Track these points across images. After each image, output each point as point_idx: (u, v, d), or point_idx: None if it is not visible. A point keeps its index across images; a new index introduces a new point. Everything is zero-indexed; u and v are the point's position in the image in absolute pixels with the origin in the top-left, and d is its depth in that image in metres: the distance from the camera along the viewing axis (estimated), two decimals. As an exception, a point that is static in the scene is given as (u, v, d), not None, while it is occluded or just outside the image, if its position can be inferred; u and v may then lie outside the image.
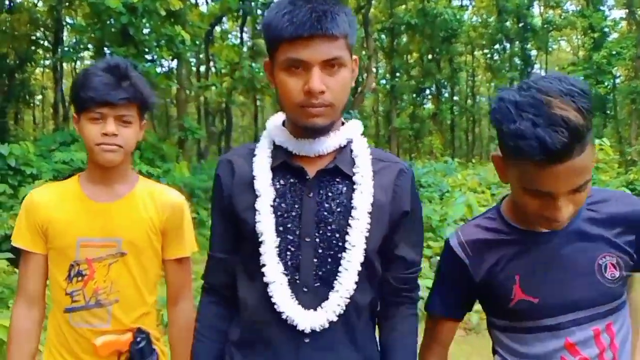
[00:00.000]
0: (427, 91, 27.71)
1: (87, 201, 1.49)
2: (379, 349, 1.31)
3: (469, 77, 32.56)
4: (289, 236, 1.18)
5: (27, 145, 7.87)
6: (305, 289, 1.17)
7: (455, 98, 30.46)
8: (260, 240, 1.17)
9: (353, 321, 1.20)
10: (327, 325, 1.16)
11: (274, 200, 1.18)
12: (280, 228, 1.17)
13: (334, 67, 1.11)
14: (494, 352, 1.32)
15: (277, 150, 1.23)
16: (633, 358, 1.20)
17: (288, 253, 1.18)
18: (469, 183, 9.72)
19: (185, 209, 1.61)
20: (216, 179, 1.28)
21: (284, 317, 1.15)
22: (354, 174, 1.20)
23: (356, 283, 1.17)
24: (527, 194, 1.08)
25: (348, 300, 1.17)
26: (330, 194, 1.19)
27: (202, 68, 20.30)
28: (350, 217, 1.17)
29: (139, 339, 1.49)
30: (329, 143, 1.19)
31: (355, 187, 1.19)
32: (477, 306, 4.70)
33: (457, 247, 1.26)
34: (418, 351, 1.34)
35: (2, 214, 6.75)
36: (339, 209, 1.18)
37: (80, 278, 1.47)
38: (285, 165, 1.21)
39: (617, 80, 25.67)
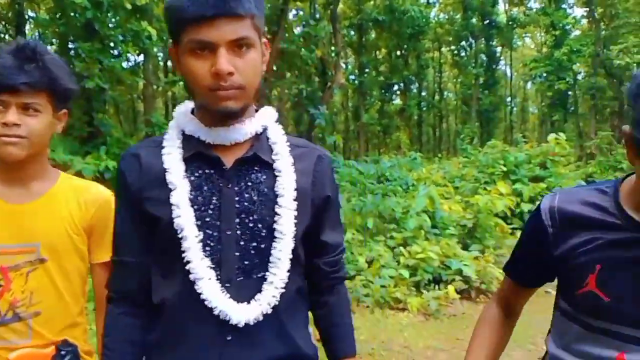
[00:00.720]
0: (395, 87, 27.92)
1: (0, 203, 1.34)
2: (320, 334, 1.30)
3: (436, 73, 32.99)
4: (208, 230, 1.10)
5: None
6: (228, 285, 1.10)
7: (422, 94, 30.85)
8: (180, 236, 1.08)
9: (280, 313, 1.14)
10: (261, 318, 1.11)
11: (190, 193, 1.11)
12: (199, 222, 1.10)
13: (242, 47, 1.05)
14: (549, 331, 1.23)
15: (188, 141, 1.14)
16: None
17: (207, 248, 1.10)
18: (433, 177, 9.99)
19: (112, 205, 1.42)
20: (120, 175, 1.17)
21: (216, 312, 1.08)
22: (273, 161, 1.16)
23: (287, 272, 1.13)
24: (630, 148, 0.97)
25: (283, 291, 1.13)
26: (250, 184, 1.13)
27: (170, 63, 20.15)
28: (276, 206, 1.13)
29: (63, 352, 1.35)
30: (245, 130, 1.14)
31: (276, 174, 1.15)
32: (435, 292, 4.93)
33: (545, 211, 1.12)
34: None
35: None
36: (260, 199, 1.13)
37: None
38: (199, 155, 1.13)
39: (579, 77, 26.48)
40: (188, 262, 1.08)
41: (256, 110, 1.20)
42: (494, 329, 1.26)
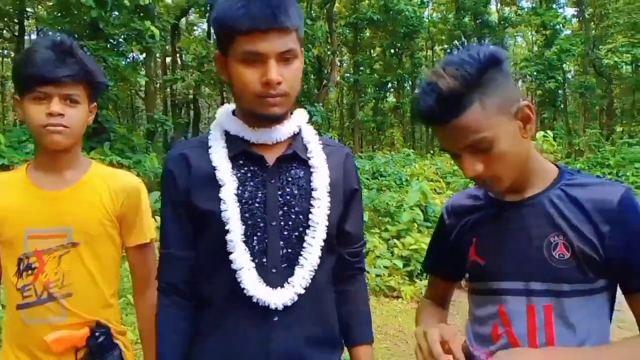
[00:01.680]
0: (389, 85, 27.99)
1: (34, 189, 1.39)
2: (339, 320, 1.33)
3: (430, 72, 33.28)
4: (255, 222, 1.17)
5: (-1, 136, 7.98)
6: (274, 270, 1.17)
7: (416, 91, 31.07)
8: (226, 228, 1.15)
9: (316, 296, 1.21)
10: (296, 299, 1.16)
11: (237, 189, 1.17)
12: (246, 215, 1.16)
13: (289, 58, 1.12)
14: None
15: (232, 141, 1.22)
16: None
17: (255, 238, 1.17)
18: (425, 173, 10.27)
19: (143, 192, 1.52)
20: (168, 175, 1.22)
21: (254, 300, 1.14)
22: (309, 158, 1.24)
23: (320, 258, 1.19)
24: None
25: (313, 274, 1.18)
26: (290, 179, 1.21)
27: (168, 59, 20.31)
28: (311, 198, 1.20)
29: (97, 334, 1.41)
30: (284, 131, 1.22)
31: (312, 170, 1.23)
32: (426, 281, 5.28)
33: (444, 209, 1.34)
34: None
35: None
36: (300, 192, 1.21)
37: (30, 272, 1.37)
38: (243, 153, 1.21)
39: (568, 76, 26.81)
40: (230, 252, 1.15)
41: (291, 113, 1.26)
42: (434, 306, 1.41)
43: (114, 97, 9.82)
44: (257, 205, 1.18)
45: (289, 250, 1.19)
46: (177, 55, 19.99)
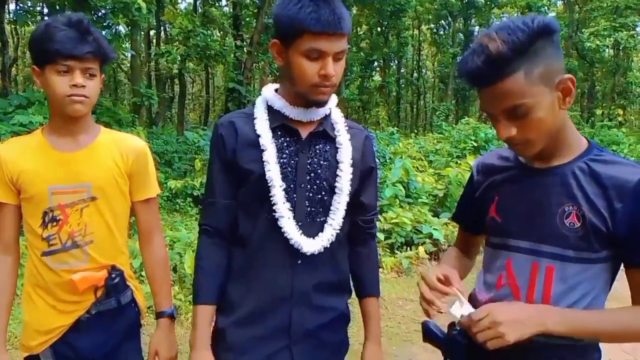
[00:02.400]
0: (375, 64, 28.05)
1: (52, 152, 1.53)
2: (352, 277, 1.59)
3: (415, 51, 33.10)
4: (287, 183, 1.41)
5: (-15, 108, 7.94)
6: (300, 224, 1.41)
7: (401, 71, 31.12)
8: (269, 185, 1.38)
9: (334, 249, 1.47)
10: (322, 250, 1.42)
11: (275, 154, 1.41)
12: (282, 176, 1.40)
13: (340, 57, 1.35)
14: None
15: (274, 114, 1.44)
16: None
17: (286, 196, 1.41)
18: (409, 151, 10.49)
19: (148, 153, 1.69)
20: (218, 137, 1.46)
21: (291, 242, 1.39)
22: (336, 136, 1.47)
23: (342, 218, 1.45)
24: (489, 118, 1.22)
25: (338, 231, 1.45)
26: (318, 152, 1.45)
27: (151, 33, 20.07)
28: (337, 170, 1.44)
29: (113, 275, 1.60)
30: (320, 112, 1.45)
31: (338, 146, 1.46)
32: (407, 253, 5.59)
33: (474, 166, 1.44)
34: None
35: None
36: (325, 163, 1.44)
37: (55, 223, 1.53)
38: (282, 126, 1.43)
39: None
40: (274, 204, 1.39)
41: None
42: (458, 253, 1.54)
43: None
44: (289, 169, 1.42)
45: (312, 209, 1.44)
46: (161, 28, 19.78)
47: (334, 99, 1.49)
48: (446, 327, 1.36)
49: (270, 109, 1.46)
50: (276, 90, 1.49)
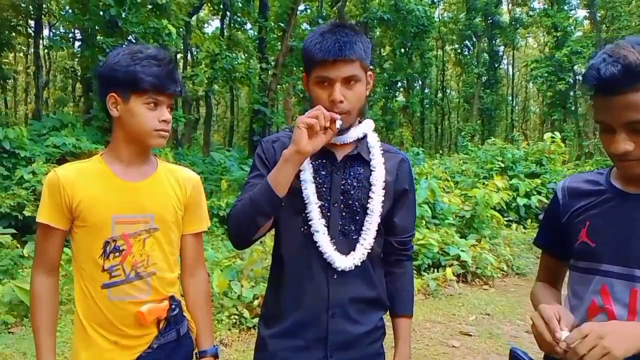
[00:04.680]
0: (399, 84, 28.13)
1: (116, 180, 1.51)
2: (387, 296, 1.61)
3: (439, 72, 33.19)
4: (322, 202, 1.48)
5: (21, 130, 8.19)
6: (333, 241, 1.47)
7: (425, 91, 30.99)
8: (305, 202, 1.47)
9: (367, 267, 1.52)
10: (352, 268, 1.47)
11: (312, 174, 1.49)
12: (317, 195, 1.48)
13: (351, 82, 1.42)
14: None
15: None
16: None
17: (321, 214, 1.48)
18: (434, 172, 10.41)
19: (202, 186, 1.70)
20: (261, 153, 1.57)
21: (325, 257, 1.46)
22: (370, 159, 1.53)
23: (373, 238, 1.50)
24: (600, 130, 1.20)
25: (369, 251, 1.49)
26: (352, 173, 1.51)
27: (178, 56, 20.53)
28: (370, 192, 1.50)
29: (173, 306, 1.58)
30: (351, 135, 1.51)
31: (371, 169, 1.52)
32: (434, 274, 5.49)
33: (559, 189, 1.43)
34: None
35: (0, 194, 7.11)
36: (358, 185, 1.50)
37: (117, 254, 1.49)
38: (320, 149, 1.46)
39: (579, 77, 26.73)
40: (310, 219, 1.47)
41: (360, 122, 1.57)
42: (546, 287, 1.49)
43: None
44: (324, 189, 1.50)
45: (345, 228, 1.50)
46: (188, 52, 20.23)
47: (368, 124, 1.57)
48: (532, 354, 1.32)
49: None
50: None
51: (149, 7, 9.52)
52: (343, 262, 1.46)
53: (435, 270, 6.11)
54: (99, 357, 1.51)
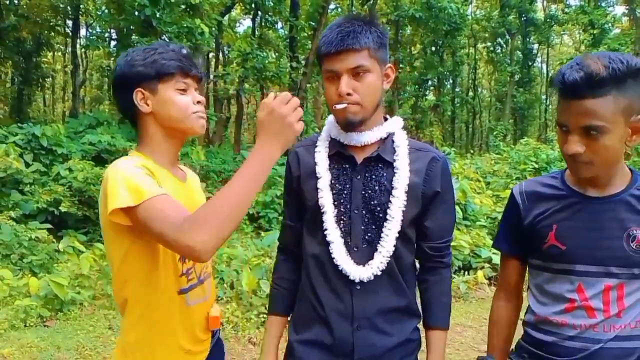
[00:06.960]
0: (429, 83, 27.75)
1: (175, 178, 1.46)
2: (421, 305, 1.54)
3: (471, 70, 32.62)
4: (342, 208, 1.44)
5: (58, 127, 8.44)
6: (356, 249, 1.43)
7: (456, 90, 30.64)
8: (322, 211, 1.44)
9: (395, 275, 1.44)
10: (372, 278, 1.41)
11: (331, 181, 1.46)
12: (336, 202, 1.44)
13: (360, 73, 1.35)
14: (528, 287, 1.52)
15: (333, 142, 1.49)
16: None
17: (342, 221, 1.44)
18: (465, 172, 10.26)
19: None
20: (287, 166, 1.57)
21: (340, 269, 1.42)
22: (394, 160, 1.44)
23: (395, 246, 1.41)
24: (559, 131, 1.29)
25: (389, 259, 1.41)
26: (373, 177, 1.44)
27: (210, 55, 20.75)
28: (391, 195, 1.41)
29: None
30: (372, 135, 1.44)
31: (395, 171, 1.43)
32: (465, 277, 5.44)
33: (517, 194, 1.48)
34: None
35: (37, 190, 7.32)
36: (380, 189, 1.43)
37: None
38: (339, 153, 1.47)
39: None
40: (325, 229, 1.44)
41: (385, 119, 1.50)
42: (508, 316, 1.57)
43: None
44: (344, 195, 1.45)
45: (369, 234, 1.43)
46: (219, 51, 20.43)
47: (396, 121, 1.51)
48: None
49: (331, 137, 1.52)
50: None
51: (183, 6, 9.66)
52: (360, 272, 1.41)
53: (466, 272, 6.04)
54: None
